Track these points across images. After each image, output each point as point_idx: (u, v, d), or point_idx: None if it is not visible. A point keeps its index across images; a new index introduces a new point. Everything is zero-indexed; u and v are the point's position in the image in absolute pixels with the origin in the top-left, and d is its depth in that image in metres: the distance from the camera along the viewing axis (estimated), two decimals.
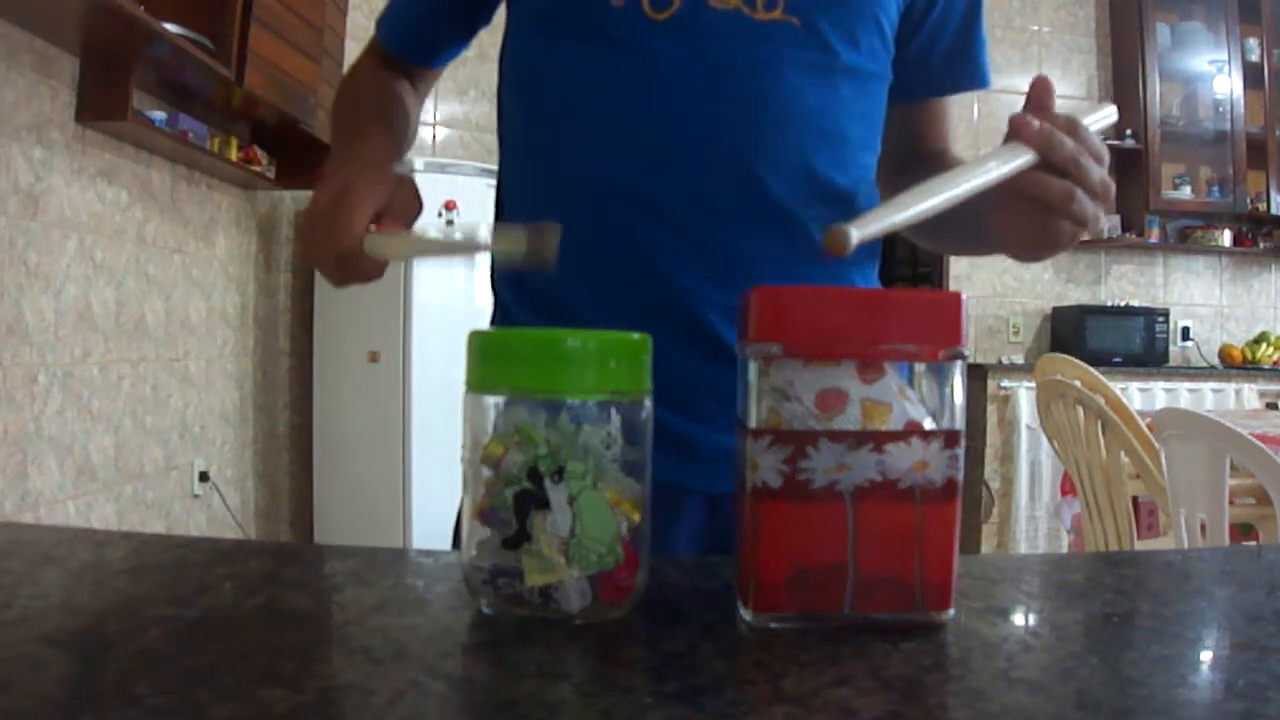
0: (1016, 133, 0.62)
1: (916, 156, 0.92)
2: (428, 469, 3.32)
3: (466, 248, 0.64)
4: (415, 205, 0.70)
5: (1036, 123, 0.62)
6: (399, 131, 0.87)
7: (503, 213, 0.90)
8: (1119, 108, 0.72)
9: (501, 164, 0.89)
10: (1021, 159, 0.62)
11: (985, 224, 0.70)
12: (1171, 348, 4.61)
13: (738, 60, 0.76)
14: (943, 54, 0.89)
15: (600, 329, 0.46)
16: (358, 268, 0.68)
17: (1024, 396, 4.13)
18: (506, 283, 0.88)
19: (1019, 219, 0.67)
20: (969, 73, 0.91)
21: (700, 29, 0.76)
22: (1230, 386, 4.34)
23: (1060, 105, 0.64)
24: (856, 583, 0.44)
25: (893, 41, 0.84)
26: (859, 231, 0.53)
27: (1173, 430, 2.01)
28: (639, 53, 0.77)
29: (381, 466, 3.36)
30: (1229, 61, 4.57)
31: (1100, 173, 0.64)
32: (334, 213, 0.67)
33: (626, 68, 0.77)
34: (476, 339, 0.47)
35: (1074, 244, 0.67)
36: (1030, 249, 0.70)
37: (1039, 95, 0.64)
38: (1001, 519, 4.29)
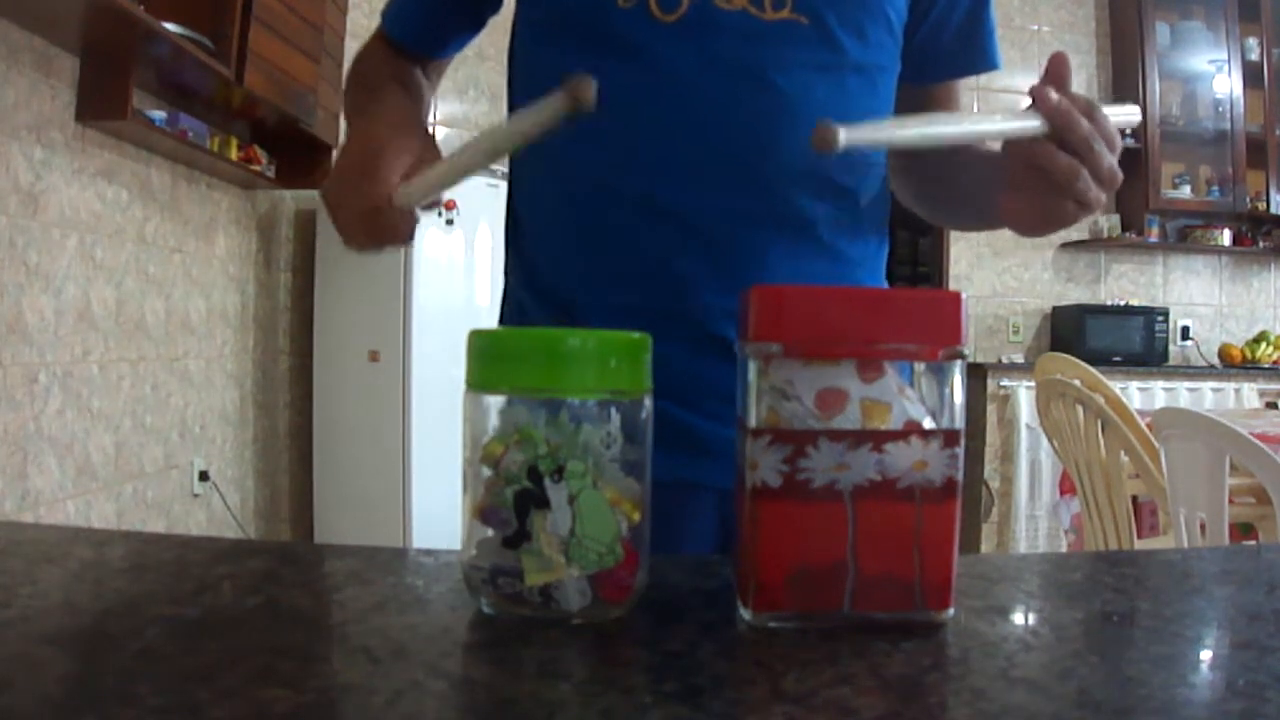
0: (1034, 103, 0.62)
1: None
2: (428, 469, 3.32)
3: (498, 148, 0.62)
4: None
5: (1055, 96, 0.62)
6: (416, 96, 0.86)
7: (513, 215, 0.90)
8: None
9: (511, 167, 0.89)
10: (1028, 123, 0.62)
11: (990, 194, 0.70)
12: (1171, 347, 4.61)
13: (745, 61, 0.76)
14: (952, 37, 0.89)
15: (613, 329, 0.46)
16: (389, 225, 0.67)
17: (1024, 396, 4.14)
18: (521, 280, 0.87)
19: (1023, 192, 0.67)
20: (979, 55, 0.91)
21: (708, 30, 0.76)
22: (1230, 386, 4.34)
23: None
24: (856, 582, 0.44)
25: (900, 32, 0.84)
26: (849, 133, 0.55)
27: (1172, 430, 2.01)
28: (647, 55, 0.76)
29: (381, 466, 3.36)
30: (1229, 61, 4.57)
31: (1110, 160, 0.64)
32: (364, 170, 0.67)
33: (634, 70, 0.77)
34: (476, 339, 0.46)
35: (1074, 223, 0.68)
36: (1030, 223, 0.70)
37: (1056, 69, 0.64)
38: (1001, 518, 4.29)
